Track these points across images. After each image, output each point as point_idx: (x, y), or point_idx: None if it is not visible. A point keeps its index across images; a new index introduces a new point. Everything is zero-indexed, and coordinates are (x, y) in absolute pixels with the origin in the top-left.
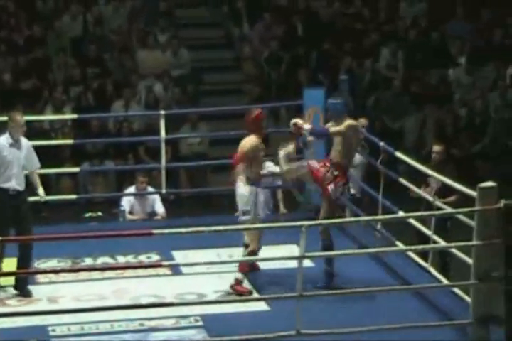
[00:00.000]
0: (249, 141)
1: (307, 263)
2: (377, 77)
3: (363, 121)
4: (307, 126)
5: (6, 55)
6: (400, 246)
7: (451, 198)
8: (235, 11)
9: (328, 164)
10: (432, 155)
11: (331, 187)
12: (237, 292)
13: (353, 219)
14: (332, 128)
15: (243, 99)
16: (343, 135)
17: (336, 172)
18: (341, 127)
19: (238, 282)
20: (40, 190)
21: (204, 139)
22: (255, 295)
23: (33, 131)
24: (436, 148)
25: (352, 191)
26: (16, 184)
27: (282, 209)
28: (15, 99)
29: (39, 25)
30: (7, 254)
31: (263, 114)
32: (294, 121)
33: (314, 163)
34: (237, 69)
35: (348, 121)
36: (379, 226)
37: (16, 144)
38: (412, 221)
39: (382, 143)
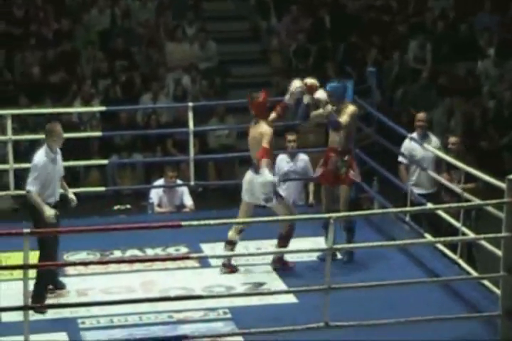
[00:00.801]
0: (265, 132)
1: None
2: (405, 69)
3: (453, 139)
4: (322, 96)
5: (35, 48)
6: (428, 238)
7: (471, 184)
8: (262, 4)
9: (332, 154)
10: (449, 147)
11: (351, 173)
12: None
13: (381, 210)
14: (340, 119)
15: (270, 92)
16: (350, 123)
17: (346, 158)
18: (345, 117)
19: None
20: (71, 194)
21: (232, 132)
22: (283, 287)
23: (61, 124)
24: (452, 139)
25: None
26: (57, 196)
27: (311, 200)
28: (44, 92)
29: (67, 19)
30: (36, 247)
31: (267, 96)
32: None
33: (316, 172)
34: (265, 62)
35: (350, 108)
36: (407, 218)
37: (55, 157)
38: (440, 212)
39: (409, 135)
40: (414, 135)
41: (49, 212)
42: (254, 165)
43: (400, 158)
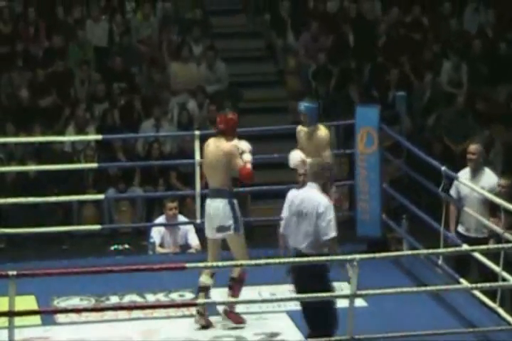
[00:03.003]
0: (232, 152)
1: (359, 302)
2: (438, 93)
3: (503, 181)
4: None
5: (23, 69)
6: (464, 283)
7: None
8: (278, 20)
9: None
10: (498, 189)
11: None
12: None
13: (410, 252)
14: (325, 158)
15: (287, 118)
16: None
17: None
18: (327, 152)
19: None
20: None
21: None
22: (300, 337)
23: (52, 154)
24: (502, 181)
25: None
26: None
27: None
28: (33, 117)
29: (59, 35)
30: (26, 291)
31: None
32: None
33: None
34: (281, 85)
35: (323, 131)
36: (440, 261)
37: None
38: (477, 255)
39: (443, 168)
40: (466, 170)
41: None
42: (212, 190)
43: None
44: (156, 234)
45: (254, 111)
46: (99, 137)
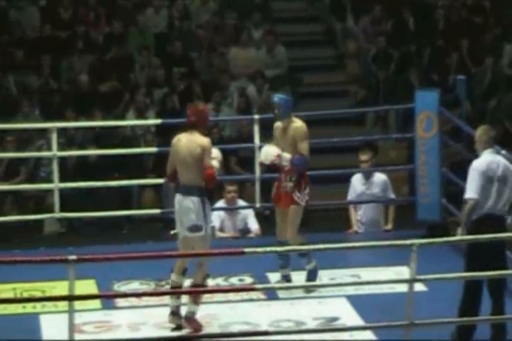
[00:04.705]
0: (205, 145)
1: (419, 287)
2: (499, 76)
3: None
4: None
5: (83, 53)
6: None
7: None
8: (337, 3)
9: (282, 173)
10: None
11: (295, 194)
12: (192, 327)
13: (471, 237)
14: (302, 150)
15: (346, 102)
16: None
17: (294, 178)
18: (305, 144)
19: (193, 315)
20: None
21: None
22: (360, 322)
23: (113, 139)
24: None
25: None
26: None
27: (390, 225)
28: (93, 103)
29: (119, 21)
30: (87, 276)
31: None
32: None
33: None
34: (340, 69)
35: (299, 123)
36: None
37: None
38: None
39: (503, 152)
40: None
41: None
42: (184, 186)
43: None
44: (216, 218)
45: (314, 95)
46: (159, 121)
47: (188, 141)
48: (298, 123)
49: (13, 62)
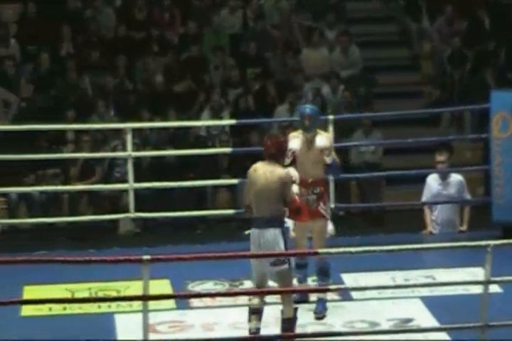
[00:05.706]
0: (286, 179)
1: (494, 288)
2: None
3: None
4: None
5: (158, 54)
6: None
7: None
8: (412, 4)
9: (302, 186)
10: None
11: (321, 206)
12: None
13: None
14: (332, 154)
15: (421, 103)
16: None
17: (317, 190)
18: (331, 149)
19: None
20: None
21: (377, 148)
22: (435, 323)
23: (187, 139)
24: None
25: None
26: None
27: (465, 226)
28: (167, 103)
29: (194, 22)
30: (161, 276)
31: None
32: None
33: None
34: (415, 69)
35: (325, 133)
36: None
37: None
38: None
39: None
40: None
41: None
42: (262, 220)
43: None
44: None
45: (388, 95)
46: (233, 122)
47: (268, 172)
48: (327, 134)
49: (89, 63)
